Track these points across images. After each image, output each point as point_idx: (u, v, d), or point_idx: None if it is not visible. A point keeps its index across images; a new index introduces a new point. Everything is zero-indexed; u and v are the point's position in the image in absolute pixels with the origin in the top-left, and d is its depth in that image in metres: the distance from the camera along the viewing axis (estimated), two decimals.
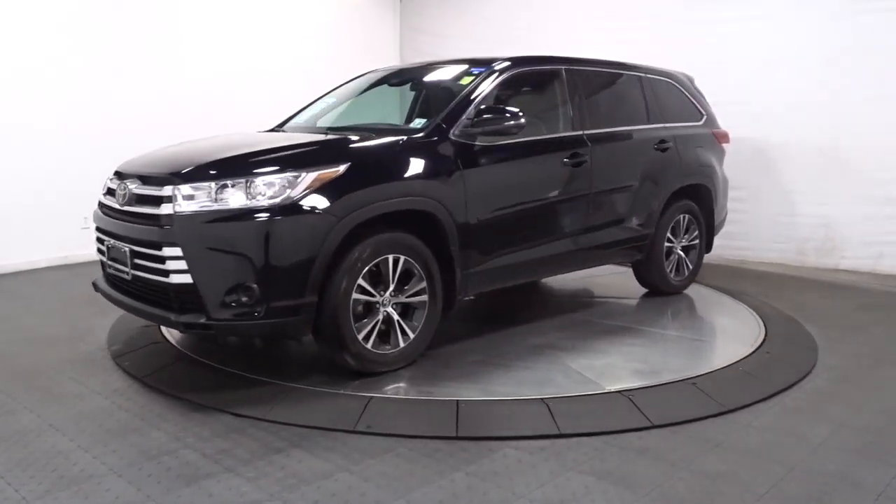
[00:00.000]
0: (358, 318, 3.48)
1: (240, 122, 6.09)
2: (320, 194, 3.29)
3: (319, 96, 5.19)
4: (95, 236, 3.89)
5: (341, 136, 4.02)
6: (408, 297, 3.66)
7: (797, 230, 6.69)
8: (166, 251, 3.25)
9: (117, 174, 3.79)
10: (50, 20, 6.22)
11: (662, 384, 3.53)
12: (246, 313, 3.23)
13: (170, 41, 7.03)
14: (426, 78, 4.91)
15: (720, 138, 5.70)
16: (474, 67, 4.30)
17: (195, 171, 3.33)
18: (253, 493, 2.52)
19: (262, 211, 3.20)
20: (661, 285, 5.28)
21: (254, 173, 3.29)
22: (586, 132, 4.51)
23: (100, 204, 3.93)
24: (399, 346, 3.64)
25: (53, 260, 6.41)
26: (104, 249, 3.78)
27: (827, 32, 6.34)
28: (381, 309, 3.57)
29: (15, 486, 2.57)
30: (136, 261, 3.46)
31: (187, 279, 3.22)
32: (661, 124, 5.14)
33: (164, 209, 3.29)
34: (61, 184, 6.27)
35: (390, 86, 5.00)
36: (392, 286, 3.57)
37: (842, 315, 5.01)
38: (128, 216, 3.55)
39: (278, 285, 3.24)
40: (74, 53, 6.39)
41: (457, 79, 4.30)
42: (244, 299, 3.21)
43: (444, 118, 3.90)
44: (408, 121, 4.67)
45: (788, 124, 6.57)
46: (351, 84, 5.13)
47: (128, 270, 3.53)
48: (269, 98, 7.34)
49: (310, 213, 3.26)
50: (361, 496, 2.50)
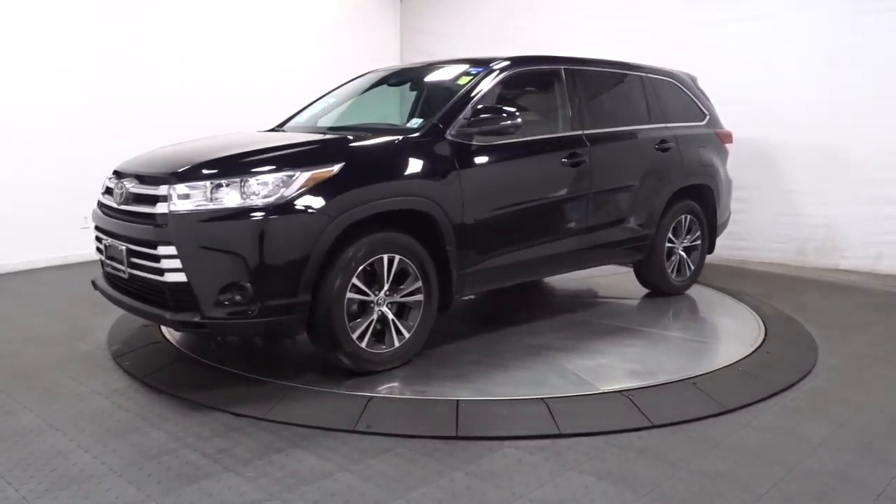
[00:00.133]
0: (352, 318, 3.49)
1: (240, 121, 6.07)
2: (314, 194, 3.30)
3: (320, 96, 5.19)
4: (94, 235, 3.91)
5: (338, 135, 4.03)
6: (403, 296, 3.66)
7: (797, 230, 6.69)
8: (161, 250, 3.27)
9: (116, 173, 3.80)
10: (50, 20, 6.22)
11: (662, 384, 3.52)
12: (240, 312, 3.24)
13: (170, 41, 7.04)
14: (426, 78, 4.91)
15: (723, 138, 5.66)
16: (473, 67, 4.30)
17: (190, 171, 3.35)
18: (253, 492, 2.53)
19: (255, 210, 3.21)
20: (662, 286, 5.27)
21: (248, 173, 3.30)
22: (585, 132, 4.50)
23: (98, 203, 3.94)
24: (394, 345, 3.64)
25: (53, 260, 6.41)
26: (102, 248, 3.80)
27: (827, 32, 6.35)
28: (376, 308, 3.57)
29: (15, 486, 2.57)
30: (133, 259, 3.48)
31: (182, 278, 3.24)
32: (662, 124, 5.12)
33: (160, 208, 3.31)
34: (61, 184, 6.28)
35: (390, 86, 5.00)
36: (387, 286, 3.58)
37: (842, 315, 5.01)
38: (125, 215, 3.57)
39: (272, 284, 3.25)
40: (74, 54, 6.40)
41: (455, 79, 4.30)
42: (238, 298, 3.23)
43: (440, 118, 3.91)
44: (407, 121, 4.66)
45: (788, 124, 6.57)
46: (351, 84, 5.13)
47: (124, 269, 3.55)
48: (269, 98, 7.33)
49: (303, 213, 3.27)
50: (361, 496, 2.51)
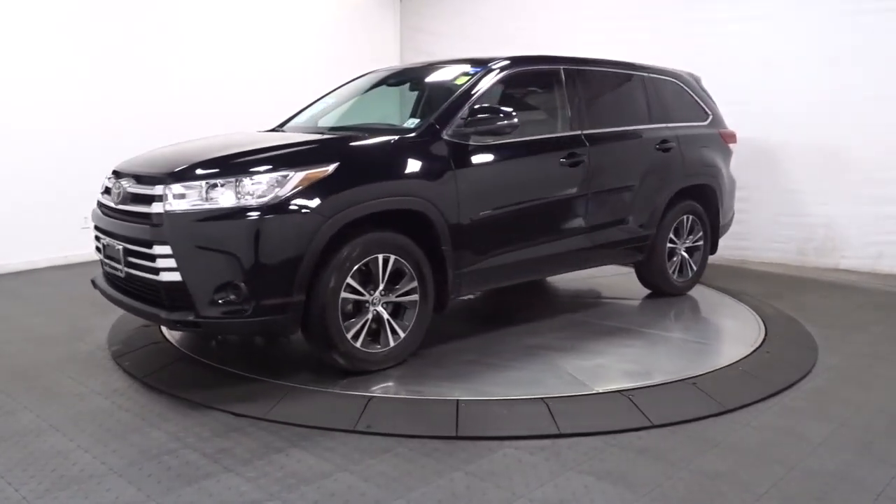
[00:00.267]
0: (348, 317, 3.49)
1: (241, 122, 6.07)
2: (308, 194, 3.31)
3: (321, 96, 5.19)
4: (94, 235, 3.93)
5: (334, 136, 4.04)
6: (398, 296, 3.66)
7: (797, 230, 6.69)
8: (157, 249, 3.29)
9: (115, 173, 3.82)
10: (50, 21, 6.22)
11: (662, 384, 3.52)
12: (234, 311, 3.26)
13: (170, 41, 7.04)
14: (426, 78, 4.90)
15: (727, 138, 5.62)
16: (474, 67, 4.30)
17: (186, 171, 3.36)
18: (253, 492, 2.53)
19: (250, 210, 3.22)
20: (663, 286, 5.25)
21: (243, 173, 3.32)
22: (585, 132, 4.49)
23: (98, 203, 3.96)
24: (389, 345, 3.64)
25: (53, 260, 6.41)
26: (101, 247, 3.82)
27: (827, 32, 6.34)
28: (371, 308, 3.57)
29: (15, 486, 2.57)
30: (129, 259, 3.50)
31: (177, 277, 3.26)
32: (663, 124, 5.10)
33: (155, 208, 3.33)
34: (61, 184, 6.28)
35: (390, 86, 5.00)
36: (382, 285, 3.58)
37: (842, 315, 5.01)
38: (122, 214, 3.59)
39: (266, 284, 3.26)
40: (74, 54, 6.39)
41: (454, 79, 4.30)
42: (232, 297, 3.24)
43: (436, 118, 3.91)
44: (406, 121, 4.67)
45: (788, 124, 6.57)
46: (352, 84, 5.13)
47: (121, 268, 3.58)
48: (269, 98, 7.33)
49: (297, 213, 3.28)
50: (361, 496, 2.51)
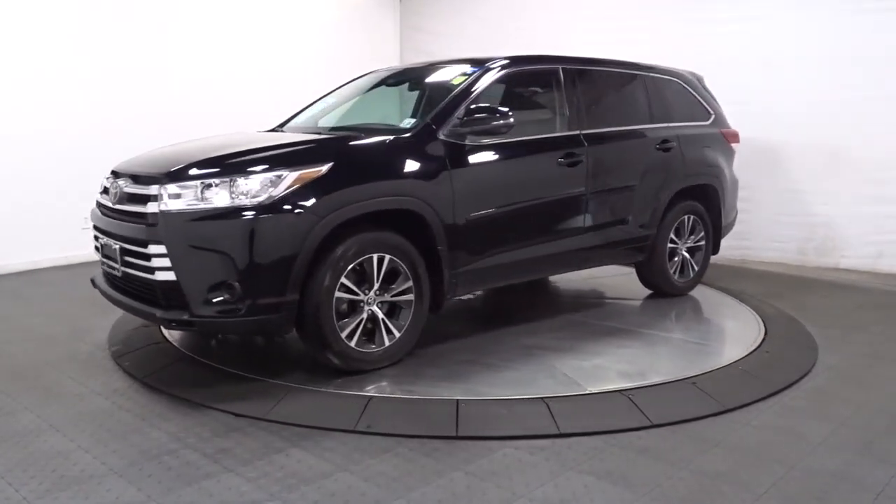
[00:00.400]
0: (342, 317, 3.50)
1: (241, 122, 6.07)
2: (302, 193, 3.32)
3: (322, 96, 5.20)
4: (93, 234, 3.94)
5: (330, 136, 4.05)
6: (393, 296, 3.66)
7: (797, 229, 6.69)
8: (152, 249, 3.31)
9: (113, 173, 3.84)
10: (51, 21, 6.22)
11: (662, 384, 3.52)
12: (228, 310, 3.27)
13: (170, 41, 7.04)
14: (426, 77, 4.90)
15: (729, 138, 5.58)
16: (473, 67, 4.29)
17: (181, 171, 3.38)
18: (253, 492, 2.53)
19: (243, 210, 3.23)
20: (664, 287, 5.23)
21: (237, 173, 3.33)
22: (583, 132, 4.49)
23: (97, 202, 3.98)
24: (384, 344, 3.65)
25: (53, 260, 6.41)
26: (99, 247, 3.84)
27: (827, 32, 6.34)
28: (366, 308, 3.58)
29: (15, 487, 2.57)
30: (126, 258, 3.53)
31: (171, 276, 3.27)
32: (664, 124, 5.08)
33: (151, 207, 3.35)
34: (61, 184, 6.27)
35: (388, 86, 5.00)
36: (377, 285, 3.58)
37: (842, 314, 5.01)
38: (119, 214, 3.61)
39: (259, 283, 3.27)
40: (75, 54, 6.39)
41: (453, 79, 4.30)
42: (226, 297, 3.26)
43: (432, 118, 3.91)
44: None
45: (788, 124, 6.57)
46: (352, 84, 5.13)
47: (118, 267, 3.60)
48: (269, 98, 7.33)
49: (290, 213, 3.29)
50: (361, 496, 2.51)
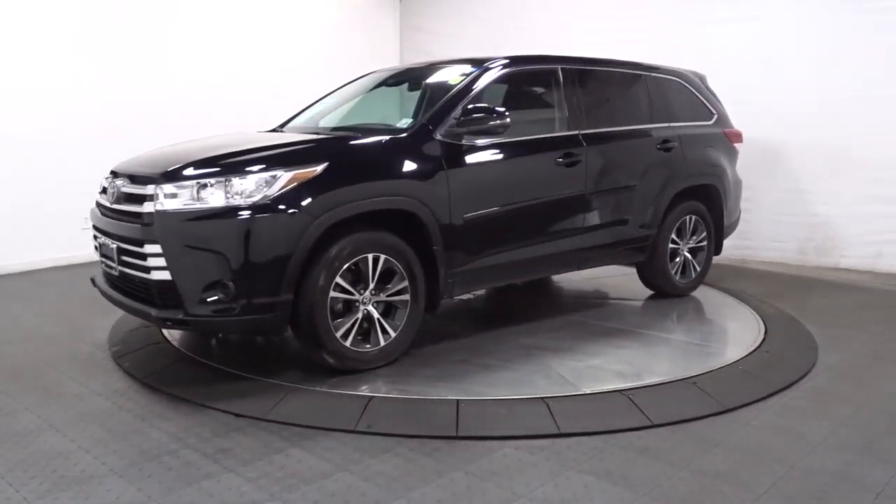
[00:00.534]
0: (337, 316, 3.50)
1: (242, 122, 6.09)
2: (296, 193, 3.33)
3: (323, 96, 5.20)
4: (92, 234, 3.96)
5: (326, 136, 4.07)
6: (389, 296, 3.67)
7: (797, 229, 6.69)
8: (147, 248, 3.33)
9: (112, 173, 3.85)
10: (51, 21, 6.22)
11: (662, 383, 3.52)
12: (223, 310, 3.28)
13: (171, 42, 7.04)
14: (426, 78, 4.89)
15: (732, 138, 5.56)
16: (474, 67, 4.29)
17: (177, 171, 3.39)
18: (253, 493, 2.53)
19: (238, 210, 3.25)
20: (664, 287, 5.21)
21: (232, 173, 3.34)
22: (582, 132, 4.47)
23: (96, 202, 4.00)
24: (379, 344, 3.65)
25: (54, 261, 6.41)
26: (98, 246, 3.86)
27: (827, 32, 6.34)
28: (361, 307, 3.58)
29: (16, 487, 2.57)
30: (122, 257, 3.55)
31: (166, 276, 3.29)
32: (665, 124, 5.06)
33: (146, 207, 3.36)
34: (61, 184, 6.27)
35: (388, 86, 5.00)
36: (372, 285, 3.59)
37: (842, 314, 5.01)
38: (116, 214, 3.64)
39: (253, 283, 3.28)
40: (75, 54, 6.40)
41: (452, 79, 4.29)
42: (220, 296, 3.27)
43: (429, 118, 3.92)
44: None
45: (788, 124, 6.56)
46: (354, 84, 5.14)
47: (115, 266, 3.62)
48: (270, 98, 7.33)
49: (285, 212, 3.30)
50: (361, 496, 2.51)
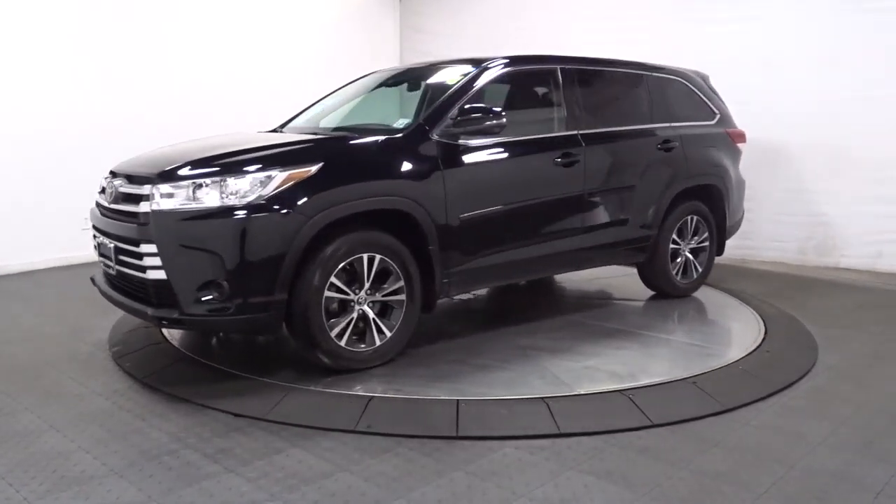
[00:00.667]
0: (332, 316, 3.51)
1: (242, 122, 6.09)
2: (291, 193, 3.34)
3: (323, 96, 5.20)
4: (91, 233, 3.97)
5: (322, 136, 4.08)
6: (385, 295, 3.67)
7: (797, 229, 6.69)
8: (143, 248, 3.35)
9: (111, 173, 3.86)
10: (51, 21, 6.22)
11: (662, 383, 3.52)
12: (217, 309, 3.30)
13: (171, 42, 7.04)
14: (426, 78, 4.89)
15: (735, 138, 5.53)
16: (474, 67, 4.28)
17: (173, 171, 3.41)
18: (253, 493, 2.53)
19: (233, 209, 3.26)
20: (665, 287, 5.18)
21: (227, 173, 3.35)
22: (581, 132, 4.46)
23: (95, 202, 4.01)
24: (375, 344, 3.65)
25: (53, 261, 6.41)
26: (97, 245, 3.88)
27: (827, 32, 6.34)
28: (356, 307, 3.58)
29: (16, 487, 2.58)
30: (120, 257, 3.56)
31: (162, 275, 3.30)
32: (665, 123, 5.04)
33: (143, 207, 3.38)
34: (61, 185, 6.27)
35: (388, 87, 5.00)
36: (367, 285, 3.59)
37: (842, 314, 5.01)
38: (114, 213, 3.65)
39: (248, 282, 3.30)
40: (75, 54, 6.40)
41: (451, 79, 4.29)
42: (215, 295, 3.28)
43: (425, 118, 3.92)
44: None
45: (788, 124, 6.56)
46: (354, 85, 5.14)
47: (113, 266, 3.63)
48: (270, 98, 7.34)
49: (279, 212, 3.30)
50: (361, 496, 2.51)
